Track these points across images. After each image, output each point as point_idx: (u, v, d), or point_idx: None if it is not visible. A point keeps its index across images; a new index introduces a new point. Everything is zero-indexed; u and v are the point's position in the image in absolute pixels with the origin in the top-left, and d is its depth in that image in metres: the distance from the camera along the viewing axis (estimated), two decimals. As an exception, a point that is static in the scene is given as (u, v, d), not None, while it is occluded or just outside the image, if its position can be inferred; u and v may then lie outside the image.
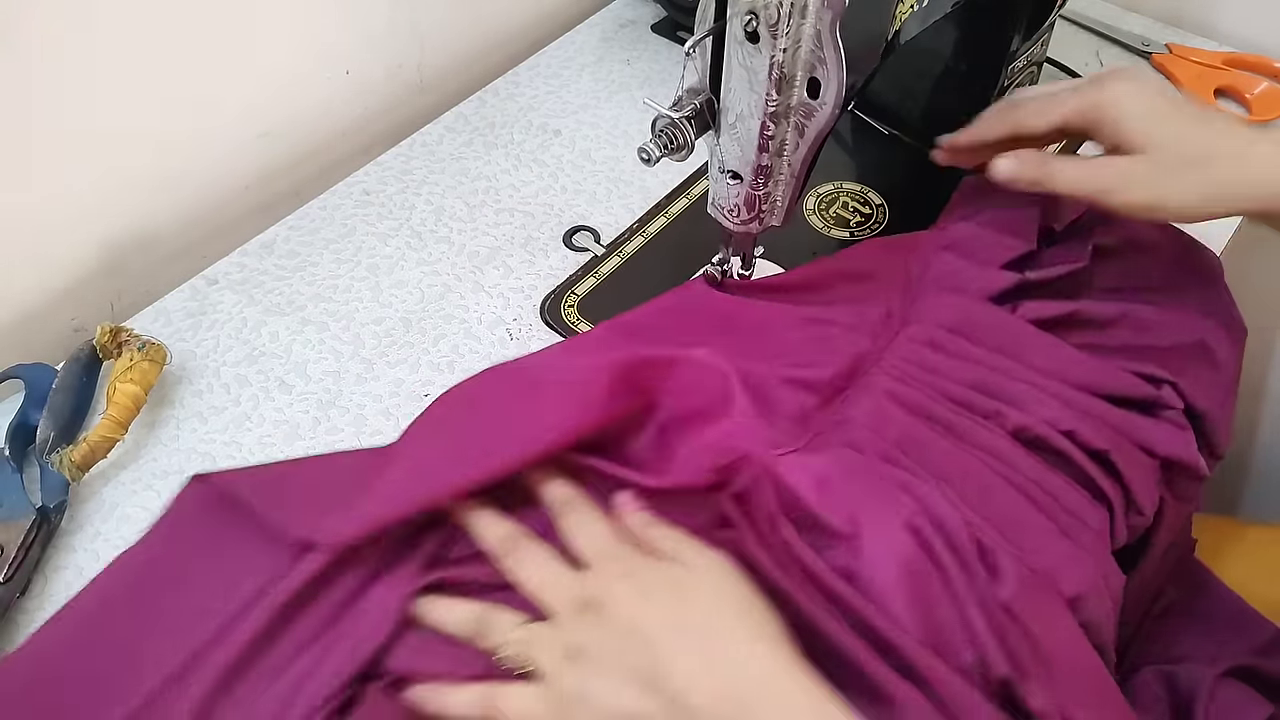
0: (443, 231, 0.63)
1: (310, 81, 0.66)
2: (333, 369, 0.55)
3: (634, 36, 0.77)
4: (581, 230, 0.63)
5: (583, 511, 0.42)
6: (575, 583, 0.39)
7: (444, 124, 0.70)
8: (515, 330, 0.57)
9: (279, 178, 0.67)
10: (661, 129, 0.47)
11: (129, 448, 0.51)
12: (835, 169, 0.66)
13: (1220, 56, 0.73)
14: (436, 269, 0.60)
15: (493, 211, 0.64)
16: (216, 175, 0.64)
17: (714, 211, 0.51)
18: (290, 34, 0.63)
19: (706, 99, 0.46)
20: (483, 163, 0.67)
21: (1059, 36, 0.69)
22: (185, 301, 0.58)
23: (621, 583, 0.39)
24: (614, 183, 0.66)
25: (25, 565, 0.45)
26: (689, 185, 0.66)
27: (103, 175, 0.58)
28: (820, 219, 0.63)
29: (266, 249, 0.61)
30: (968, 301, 0.49)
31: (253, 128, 0.64)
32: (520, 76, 0.73)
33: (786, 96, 0.44)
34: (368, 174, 0.66)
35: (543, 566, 0.40)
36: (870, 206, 0.64)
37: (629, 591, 0.38)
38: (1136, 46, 0.75)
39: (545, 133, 0.69)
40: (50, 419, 0.50)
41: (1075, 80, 0.51)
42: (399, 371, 0.55)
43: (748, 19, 0.41)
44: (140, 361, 0.50)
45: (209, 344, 0.56)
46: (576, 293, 0.59)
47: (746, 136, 0.46)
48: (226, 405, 0.53)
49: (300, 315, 0.58)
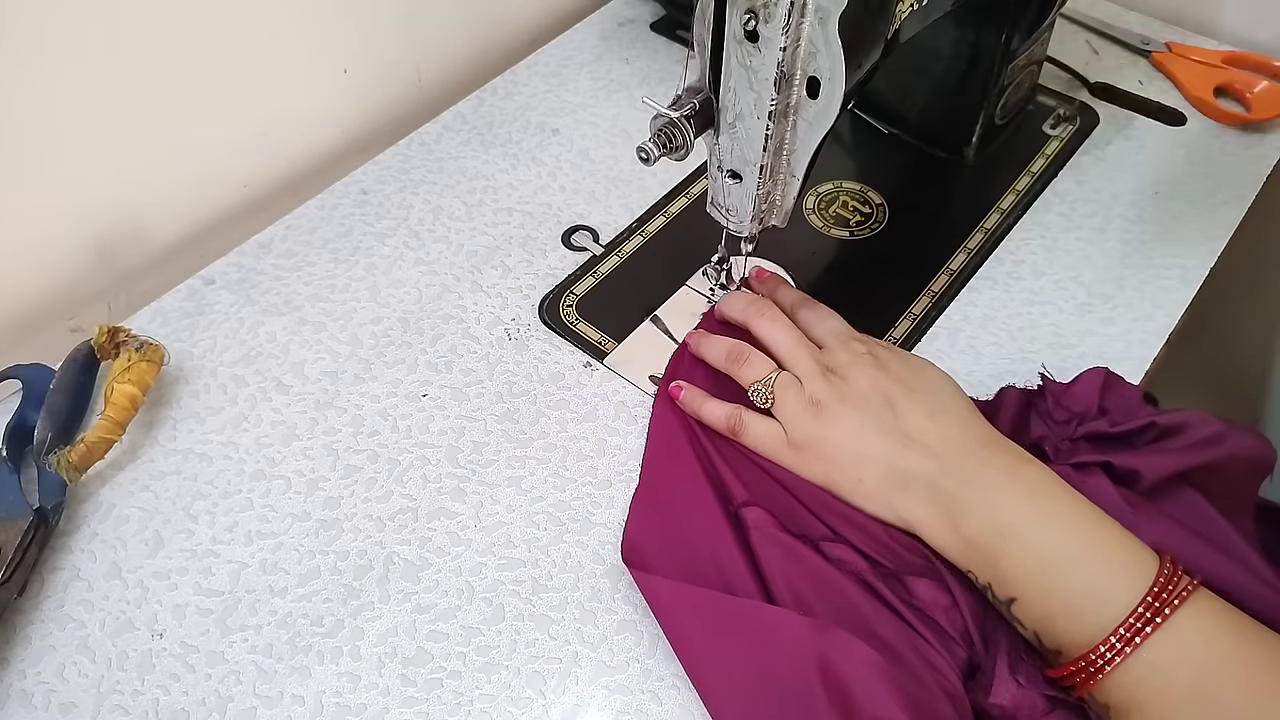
0: (441, 231, 0.62)
1: (307, 80, 0.66)
2: (330, 369, 0.55)
3: (633, 35, 0.77)
4: (580, 230, 0.63)
5: (819, 307, 0.52)
6: (820, 354, 0.49)
7: (442, 123, 0.69)
8: (514, 330, 0.57)
9: (276, 177, 0.67)
10: (660, 128, 0.47)
11: (126, 448, 0.51)
12: (835, 169, 0.66)
13: (1220, 55, 0.72)
14: (435, 268, 0.60)
15: (491, 211, 0.64)
16: (214, 174, 0.64)
17: (713, 211, 0.51)
18: (288, 33, 0.63)
19: (706, 98, 0.46)
20: (481, 162, 0.67)
21: (1059, 35, 0.69)
22: (182, 301, 0.58)
23: (861, 356, 0.48)
24: (613, 182, 0.66)
25: (23, 566, 0.45)
26: (688, 184, 0.66)
27: (100, 175, 0.57)
28: (820, 218, 0.63)
29: (264, 249, 0.61)
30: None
31: (250, 127, 0.64)
32: (519, 75, 0.73)
33: (786, 96, 0.43)
34: (365, 173, 0.66)
35: (789, 333, 0.50)
36: (870, 206, 0.64)
37: (868, 362, 0.47)
38: (1136, 45, 0.74)
39: (544, 132, 0.69)
40: (48, 420, 0.49)
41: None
42: (397, 371, 0.55)
43: (747, 18, 0.41)
44: (138, 362, 0.50)
45: (206, 344, 0.56)
46: (575, 292, 0.59)
47: (746, 136, 0.46)
48: (224, 406, 0.53)
49: (298, 315, 0.58)
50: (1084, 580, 0.40)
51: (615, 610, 0.45)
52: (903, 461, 0.45)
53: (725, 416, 0.49)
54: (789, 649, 0.40)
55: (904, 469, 0.45)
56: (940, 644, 0.42)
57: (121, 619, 0.45)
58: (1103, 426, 0.47)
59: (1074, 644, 0.39)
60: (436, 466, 0.51)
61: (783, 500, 0.47)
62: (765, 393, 0.49)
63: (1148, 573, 0.39)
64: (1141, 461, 0.45)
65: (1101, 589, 0.39)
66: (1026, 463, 0.44)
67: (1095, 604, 0.39)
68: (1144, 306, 0.57)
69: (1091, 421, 0.48)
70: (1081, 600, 0.39)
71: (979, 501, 0.43)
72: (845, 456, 0.46)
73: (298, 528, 0.48)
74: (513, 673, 0.43)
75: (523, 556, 0.47)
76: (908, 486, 0.44)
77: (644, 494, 0.49)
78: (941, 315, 0.57)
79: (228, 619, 0.45)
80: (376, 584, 0.46)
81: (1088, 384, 0.49)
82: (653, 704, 0.43)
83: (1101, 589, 0.39)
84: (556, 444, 0.52)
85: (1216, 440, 0.46)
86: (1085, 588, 0.40)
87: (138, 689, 0.43)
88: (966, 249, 0.61)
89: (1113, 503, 0.43)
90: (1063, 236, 0.61)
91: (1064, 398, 0.49)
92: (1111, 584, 0.39)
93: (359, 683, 0.43)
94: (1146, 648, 0.38)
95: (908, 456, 0.45)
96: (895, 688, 0.39)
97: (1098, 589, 0.39)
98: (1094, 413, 0.48)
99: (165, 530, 0.48)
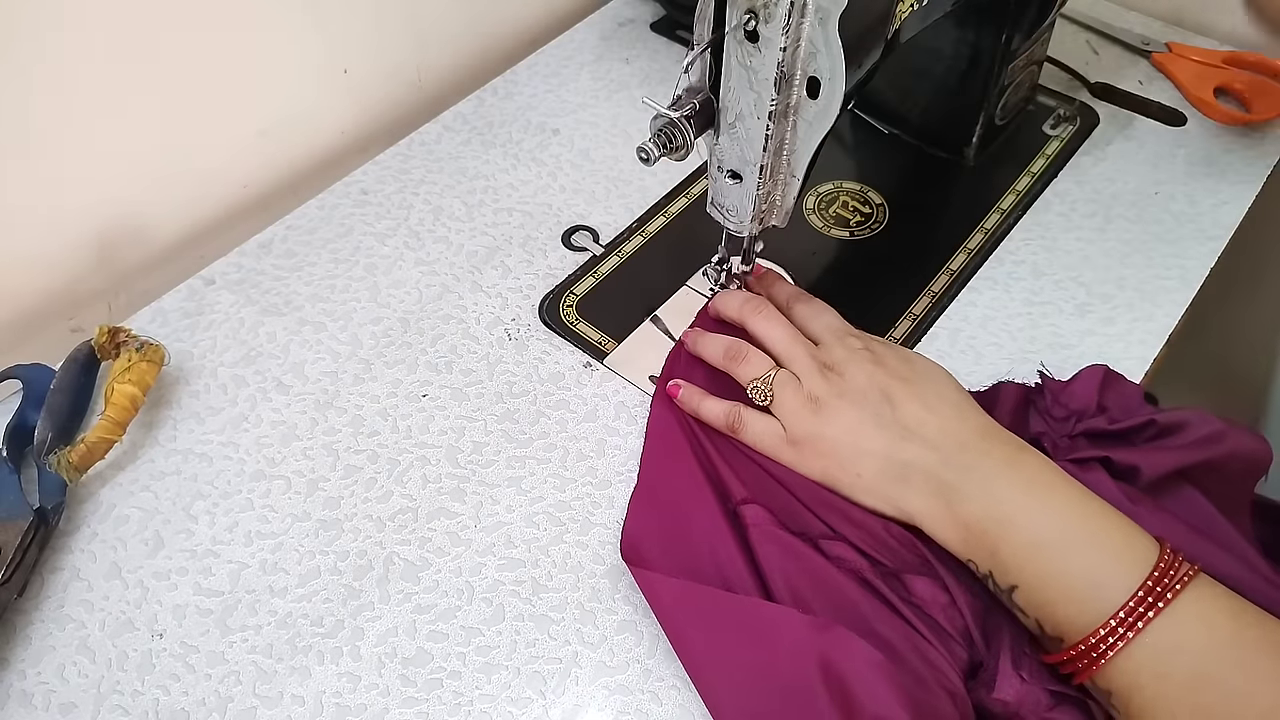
0: (441, 231, 0.62)
1: (308, 80, 0.66)
2: (330, 369, 0.55)
3: (633, 35, 0.77)
4: (580, 230, 0.63)
5: (814, 303, 0.52)
6: (817, 350, 0.49)
7: (442, 123, 0.69)
8: (514, 330, 0.57)
9: (276, 177, 0.67)
10: (660, 128, 0.47)
11: (126, 449, 0.51)
12: (835, 168, 0.66)
13: (1220, 55, 0.72)
14: (434, 269, 0.60)
15: (491, 211, 0.64)
16: (214, 174, 0.64)
17: (713, 211, 0.51)
18: (289, 33, 0.63)
19: (706, 98, 0.46)
20: (481, 162, 0.67)
21: (1059, 35, 0.69)
22: (182, 302, 0.58)
23: (857, 351, 0.48)
24: (613, 182, 0.66)
25: (23, 566, 0.45)
26: (688, 184, 0.66)
27: (100, 175, 0.57)
28: (820, 218, 0.63)
29: (264, 249, 0.61)
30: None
31: (250, 126, 0.64)
32: (519, 75, 0.73)
33: (786, 96, 0.43)
34: (366, 173, 0.66)
35: (786, 330, 0.50)
36: (870, 206, 0.64)
37: (864, 357, 0.48)
38: (1136, 45, 0.74)
39: (544, 132, 0.69)
40: (48, 420, 0.49)
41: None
42: (397, 372, 0.55)
43: (747, 18, 0.41)
44: (138, 362, 0.50)
45: (206, 344, 0.56)
46: (575, 292, 0.59)
47: (746, 136, 0.46)
48: (224, 406, 0.53)
49: (298, 315, 0.58)
50: (1084, 566, 0.40)
51: (615, 610, 0.45)
52: (902, 454, 0.45)
53: (724, 414, 0.49)
54: (790, 647, 0.40)
55: (903, 461, 0.45)
56: (939, 642, 0.42)
57: (121, 619, 0.45)
58: (1101, 424, 0.47)
59: (1075, 630, 0.39)
60: (436, 467, 0.51)
61: (781, 498, 0.47)
62: (764, 390, 0.49)
63: (1148, 558, 0.39)
64: (1141, 458, 0.45)
65: (1101, 574, 0.39)
66: (1025, 451, 0.44)
67: (1095, 589, 0.39)
68: (1144, 306, 0.57)
69: (1090, 419, 0.48)
70: (1082, 586, 0.40)
71: (978, 490, 0.43)
72: (844, 451, 0.46)
73: (298, 528, 0.48)
74: (513, 673, 0.43)
75: (523, 557, 0.47)
76: (907, 478, 0.45)
77: (642, 492, 0.49)
78: (941, 315, 0.57)
79: (228, 619, 0.45)
80: (376, 584, 0.46)
81: (1087, 382, 0.49)
82: (653, 704, 0.43)
83: (1101, 574, 0.39)
84: (556, 444, 0.52)
85: (1216, 439, 0.46)
86: (1085, 573, 0.40)
87: (138, 689, 0.43)
88: (966, 249, 0.61)
89: (1112, 497, 0.43)
90: (1063, 236, 0.61)
91: (1063, 395, 0.49)
92: (1111, 569, 0.39)
93: (359, 683, 0.43)
94: (1148, 632, 0.38)
95: (906, 448, 0.45)
96: (896, 686, 0.39)
97: (1098, 574, 0.40)
98: (1093, 410, 0.48)
99: (165, 530, 0.48)
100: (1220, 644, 0.38)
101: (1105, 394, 0.49)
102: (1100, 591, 0.39)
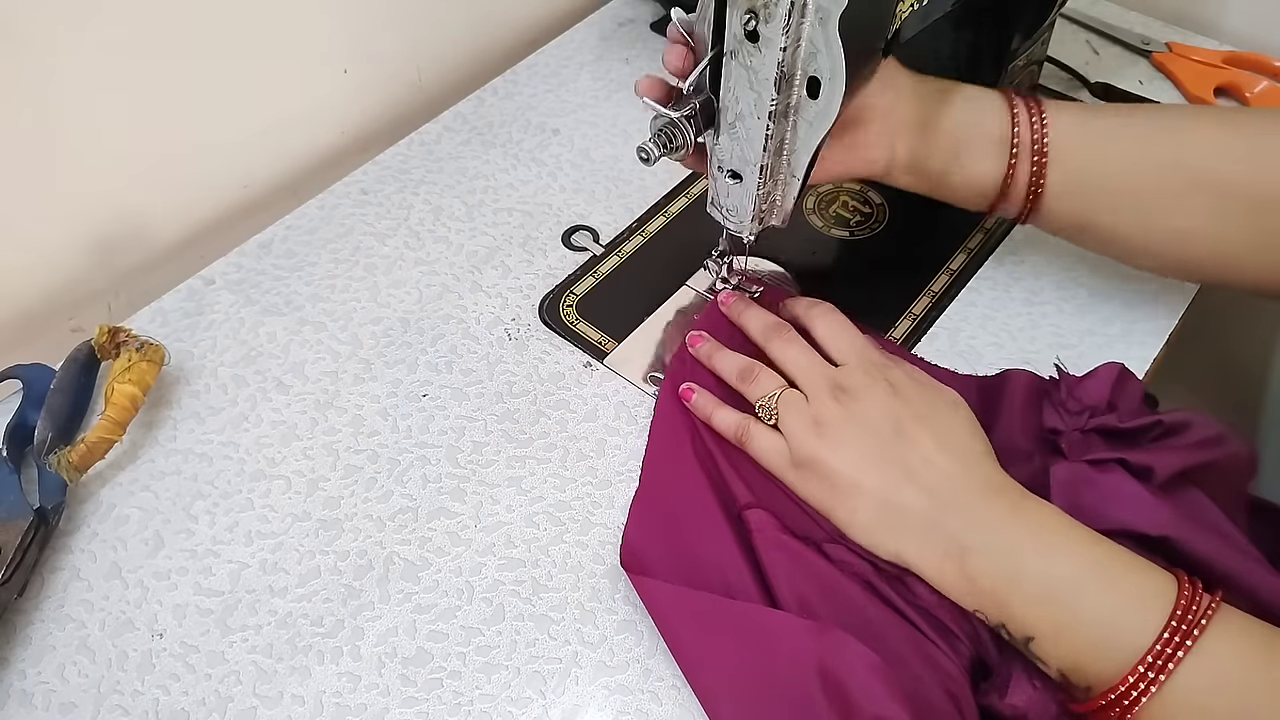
0: (441, 231, 0.62)
1: (308, 80, 0.66)
2: (330, 369, 0.55)
3: (633, 35, 0.77)
4: (580, 230, 0.63)
5: (835, 317, 0.51)
6: (833, 372, 0.48)
7: (442, 123, 0.69)
8: (514, 330, 0.57)
9: (276, 177, 0.67)
10: (660, 128, 0.47)
11: (126, 449, 0.51)
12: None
13: (1220, 55, 0.72)
14: (435, 269, 0.60)
15: (491, 211, 0.64)
16: (214, 174, 0.64)
17: (713, 211, 0.51)
18: (288, 32, 0.63)
19: (706, 98, 0.46)
20: (481, 162, 0.67)
21: (1059, 35, 0.69)
22: (183, 302, 0.58)
23: (878, 380, 0.46)
24: (613, 182, 0.66)
25: (23, 566, 0.45)
26: (688, 184, 0.66)
27: (100, 175, 0.57)
28: (820, 219, 0.63)
29: (264, 249, 0.61)
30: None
31: (250, 126, 0.64)
32: (519, 75, 0.73)
33: (786, 96, 0.43)
34: (366, 173, 0.66)
35: (804, 353, 0.49)
36: (870, 206, 0.64)
37: (883, 387, 0.46)
38: (1137, 45, 0.74)
39: (544, 132, 0.69)
40: (48, 420, 0.49)
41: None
42: (397, 372, 0.55)
43: (747, 18, 0.41)
44: (138, 362, 0.50)
45: (206, 344, 0.56)
46: (575, 292, 0.59)
47: (746, 136, 0.46)
48: (224, 406, 0.53)
49: (298, 315, 0.58)
50: (1102, 611, 0.39)
51: (615, 610, 0.45)
52: (899, 496, 0.43)
53: (734, 425, 0.49)
54: (787, 652, 0.40)
55: (900, 505, 0.43)
56: (945, 643, 0.42)
57: (121, 619, 0.45)
58: (1111, 421, 0.47)
59: (1102, 679, 0.38)
60: (436, 466, 0.51)
61: (785, 502, 0.47)
62: (770, 408, 0.48)
63: (1168, 596, 0.38)
64: (1153, 458, 0.45)
65: (1122, 618, 0.38)
66: (1029, 499, 0.43)
67: (1117, 634, 0.38)
68: (1144, 306, 0.57)
69: (1101, 415, 0.47)
70: (1102, 632, 0.38)
71: (983, 543, 0.41)
72: (842, 483, 0.45)
73: (298, 528, 0.48)
74: (513, 673, 0.43)
75: (523, 556, 0.47)
76: (904, 524, 0.43)
77: (644, 497, 0.49)
78: (941, 315, 0.57)
79: (228, 619, 0.45)
80: (376, 584, 0.46)
81: (1102, 378, 0.48)
82: (653, 704, 0.43)
83: (1122, 618, 0.38)
84: (556, 444, 0.52)
85: (1217, 441, 0.46)
86: (1104, 618, 0.38)
87: (138, 689, 0.43)
88: (966, 249, 0.61)
89: (1134, 493, 0.43)
90: (1063, 236, 0.61)
91: (1077, 389, 0.48)
92: (1131, 612, 0.38)
93: (359, 683, 0.43)
94: (1180, 674, 0.36)
95: (905, 491, 0.43)
96: (894, 687, 0.39)
97: (1118, 618, 0.38)
98: (1104, 407, 0.48)
99: (165, 530, 0.48)
100: (1255, 676, 0.36)
101: (1116, 392, 0.48)
102: (1123, 637, 0.38)
